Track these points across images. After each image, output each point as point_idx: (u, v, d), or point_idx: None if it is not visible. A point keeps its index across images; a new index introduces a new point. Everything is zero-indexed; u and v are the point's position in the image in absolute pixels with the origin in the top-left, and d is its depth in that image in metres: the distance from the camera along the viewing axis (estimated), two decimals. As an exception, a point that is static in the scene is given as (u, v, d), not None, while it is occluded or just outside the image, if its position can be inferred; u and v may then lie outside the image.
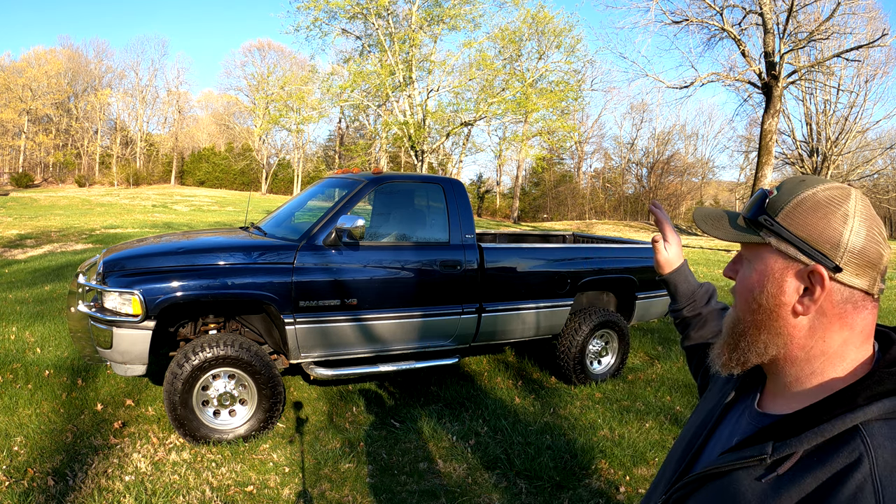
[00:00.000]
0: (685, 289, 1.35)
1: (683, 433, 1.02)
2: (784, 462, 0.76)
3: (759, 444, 0.78)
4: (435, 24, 20.51)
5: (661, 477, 1.01)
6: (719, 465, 0.82)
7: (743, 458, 0.79)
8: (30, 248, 12.69)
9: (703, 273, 12.60)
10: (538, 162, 27.96)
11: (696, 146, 50.85)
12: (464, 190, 4.57)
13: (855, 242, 0.78)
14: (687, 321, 1.35)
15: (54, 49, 51.09)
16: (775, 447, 0.77)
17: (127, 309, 3.41)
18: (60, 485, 3.06)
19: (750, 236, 0.86)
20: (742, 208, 0.93)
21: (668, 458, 1.03)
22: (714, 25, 17.75)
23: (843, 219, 0.79)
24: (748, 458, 0.78)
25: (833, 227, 0.79)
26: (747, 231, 0.87)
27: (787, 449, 0.76)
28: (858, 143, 30.09)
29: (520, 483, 3.32)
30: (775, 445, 0.77)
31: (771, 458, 0.76)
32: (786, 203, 0.83)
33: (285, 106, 25.45)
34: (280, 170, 51.68)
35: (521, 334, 4.74)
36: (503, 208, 47.31)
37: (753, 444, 0.80)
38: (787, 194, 0.84)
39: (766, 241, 0.84)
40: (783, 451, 0.76)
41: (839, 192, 0.82)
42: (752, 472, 0.78)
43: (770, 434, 0.79)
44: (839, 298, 0.80)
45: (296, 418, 4.07)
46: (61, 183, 46.89)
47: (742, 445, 0.81)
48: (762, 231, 0.85)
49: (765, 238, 0.84)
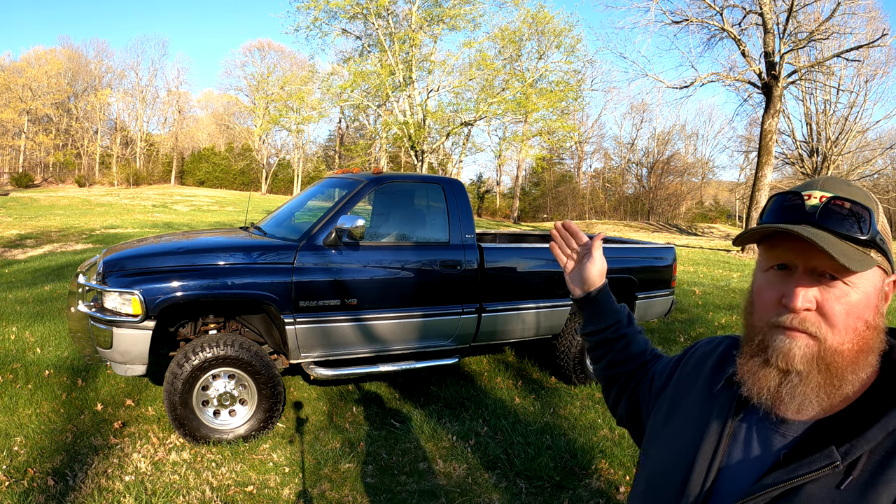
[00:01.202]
0: (608, 307, 1.22)
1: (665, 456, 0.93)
2: (856, 464, 0.73)
3: (820, 452, 0.74)
4: (435, 24, 20.51)
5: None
6: (784, 482, 0.75)
7: (812, 470, 0.73)
8: (30, 248, 12.69)
9: (702, 273, 12.59)
10: (538, 162, 27.95)
11: (696, 146, 50.93)
12: (464, 190, 4.57)
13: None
14: (609, 345, 1.21)
15: (54, 49, 51.11)
16: (842, 452, 0.73)
17: (127, 309, 3.41)
18: (60, 485, 3.06)
19: (868, 262, 0.78)
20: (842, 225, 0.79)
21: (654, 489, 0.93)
22: (714, 25, 17.75)
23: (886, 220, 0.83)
24: (817, 469, 0.73)
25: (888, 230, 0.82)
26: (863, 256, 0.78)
27: (857, 450, 0.73)
28: (858, 143, 30.08)
29: (520, 483, 3.32)
30: (840, 450, 0.73)
31: (843, 462, 0.73)
32: (875, 215, 0.79)
33: (285, 106, 25.44)
34: (280, 170, 51.68)
35: (521, 334, 4.74)
36: (503, 208, 47.30)
37: (811, 452, 0.75)
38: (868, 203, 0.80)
39: (877, 260, 0.79)
40: (854, 453, 0.73)
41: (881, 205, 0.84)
42: (827, 481, 0.74)
43: (827, 439, 0.75)
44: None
45: (296, 418, 4.07)
46: (61, 183, 46.88)
47: (797, 457, 0.76)
48: (872, 251, 0.79)
49: (875, 258, 0.79)
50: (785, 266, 0.82)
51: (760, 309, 0.85)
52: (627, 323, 1.22)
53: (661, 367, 1.12)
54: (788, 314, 0.79)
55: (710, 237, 27.50)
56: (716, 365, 0.98)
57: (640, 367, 1.19)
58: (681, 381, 1.03)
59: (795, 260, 0.81)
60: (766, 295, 0.84)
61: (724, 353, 0.99)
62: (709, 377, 0.97)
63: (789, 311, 0.79)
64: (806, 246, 0.78)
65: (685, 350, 1.09)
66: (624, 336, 1.21)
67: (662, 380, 1.08)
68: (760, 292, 0.86)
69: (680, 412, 0.97)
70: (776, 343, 0.80)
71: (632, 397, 1.16)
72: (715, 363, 0.98)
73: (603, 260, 1.21)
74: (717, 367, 0.97)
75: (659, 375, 1.10)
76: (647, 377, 1.15)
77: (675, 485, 0.88)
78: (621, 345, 1.20)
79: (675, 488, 0.88)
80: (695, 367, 1.02)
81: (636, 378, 1.18)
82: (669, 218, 43.42)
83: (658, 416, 1.02)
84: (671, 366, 1.09)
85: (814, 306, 0.79)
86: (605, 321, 1.21)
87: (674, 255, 5.64)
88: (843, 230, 0.78)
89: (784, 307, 0.80)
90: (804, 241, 0.78)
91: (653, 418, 1.04)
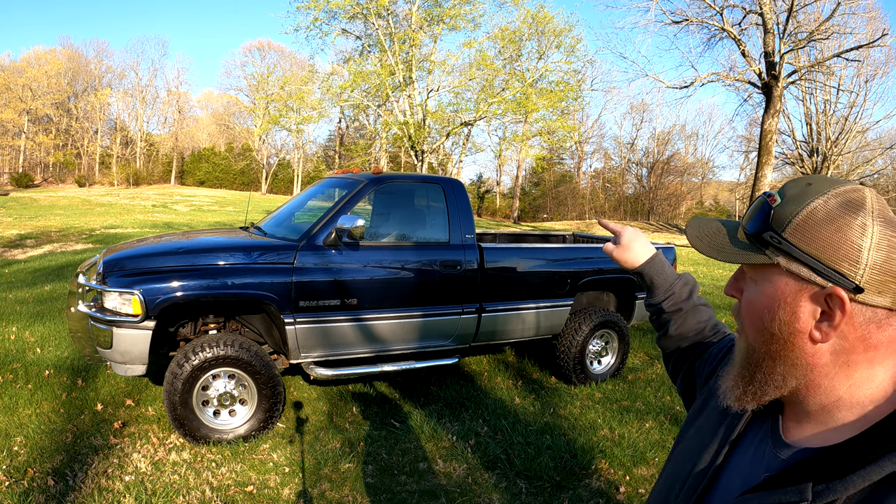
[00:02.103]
0: (661, 281, 1.23)
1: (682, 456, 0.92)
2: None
3: (795, 486, 0.69)
4: (435, 24, 20.52)
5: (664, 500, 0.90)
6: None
7: (780, 501, 0.69)
8: (30, 248, 12.69)
9: (702, 273, 12.60)
10: (538, 162, 27.96)
11: (696, 146, 50.91)
12: (464, 190, 4.57)
13: (876, 258, 0.67)
14: (666, 317, 1.22)
15: (54, 49, 51.11)
16: (816, 492, 0.66)
17: (127, 309, 3.41)
18: (60, 485, 3.06)
19: (755, 256, 0.75)
20: (743, 218, 0.81)
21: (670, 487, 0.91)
22: (714, 25, 17.75)
23: (862, 229, 0.68)
24: (784, 502, 0.68)
25: (850, 242, 0.68)
26: (751, 249, 0.76)
27: (830, 493, 0.65)
28: (858, 143, 30.09)
29: (520, 483, 3.32)
30: (815, 490, 0.67)
31: (813, 502, 0.66)
32: (794, 215, 0.72)
33: (285, 106, 25.44)
34: (280, 170, 51.69)
35: (521, 334, 4.74)
36: (503, 208, 47.31)
37: (788, 484, 0.70)
38: (795, 203, 0.73)
39: (773, 260, 0.73)
40: (827, 496, 0.66)
41: (853, 195, 0.71)
42: None
43: (807, 474, 0.69)
44: (861, 320, 0.69)
45: (296, 418, 4.07)
46: (61, 183, 46.89)
47: (773, 485, 0.72)
48: (768, 249, 0.74)
49: (772, 258, 0.73)
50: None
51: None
52: (686, 297, 1.22)
53: (717, 351, 1.09)
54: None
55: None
56: None
57: (696, 343, 1.18)
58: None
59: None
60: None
61: None
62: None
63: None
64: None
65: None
66: (679, 311, 1.21)
67: (713, 365, 1.05)
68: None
69: (708, 408, 0.94)
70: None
71: (688, 375, 1.15)
72: None
73: (630, 235, 1.26)
74: None
75: (713, 359, 1.07)
76: (704, 357, 1.12)
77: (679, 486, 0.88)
78: (678, 319, 1.20)
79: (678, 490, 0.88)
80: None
81: (691, 355, 1.17)
82: (669, 218, 43.42)
83: (696, 406, 0.99)
84: (724, 352, 1.06)
85: (738, 294, 0.83)
86: (657, 295, 1.23)
87: (674, 255, 5.64)
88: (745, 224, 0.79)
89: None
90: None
91: (694, 404, 1.01)
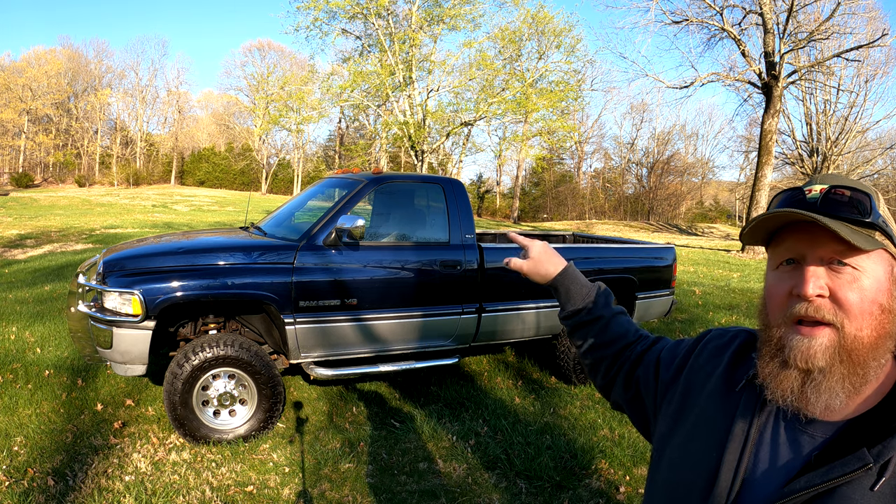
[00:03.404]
0: (577, 289, 1.21)
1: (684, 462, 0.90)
2: (888, 465, 0.72)
3: (852, 454, 0.73)
4: (435, 24, 20.51)
5: None
6: (817, 486, 0.74)
7: (845, 472, 0.73)
8: (30, 248, 12.69)
9: (702, 273, 12.59)
10: (538, 162, 27.96)
11: (696, 146, 50.93)
12: (464, 190, 4.57)
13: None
14: (586, 328, 1.20)
15: (54, 49, 51.11)
16: (874, 453, 0.72)
17: (127, 309, 3.41)
18: (60, 485, 3.06)
19: (873, 242, 0.79)
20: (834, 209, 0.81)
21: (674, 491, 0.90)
22: (714, 25, 17.75)
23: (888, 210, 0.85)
24: (851, 471, 0.72)
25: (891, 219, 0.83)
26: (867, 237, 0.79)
27: (889, 451, 0.72)
28: (858, 143, 30.08)
29: (520, 483, 3.32)
30: (872, 451, 0.73)
31: (875, 463, 0.72)
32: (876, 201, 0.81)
33: (285, 106, 25.43)
34: (280, 170, 51.68)
35: (521, 334, 4.74)
36: (503, 208, 47.30)
37: (843, 454, 0.74)
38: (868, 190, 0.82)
39: (882, 244, 0.79)
40: (886, 454, 0.72)
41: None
42: (859, 483, 0.73)
43: (858, 440, 0.75)
44: None
45: (296, 418, 4.07)
46: (61, 183, 46.88)
47: (827, 460, 0.75)
48: (876, 233, 0.80)
49: (880, 240, 0.79)
50: (793, 261, 0.82)
51: (773, 305, 0.84)
52: (603, 305, 1.19)
53: (669, 356, 1.07)
54: (802, 303, 0.79)
55: (710, 237, 27.51)
56: (732, 360, 0.95)
57: (623, 350, 1.16)
58: (693, 374, 0.99)
59: (803, 250, 0.81)
60: (777, 290, 0.83)
61: (740, 348, 0.97)
62: (725, 373, 0.94)
63: (801, 299, 0.79)
64: (811, 236, 0.79)
65: (696, 340, 1.06)
66: (599, 318, 1.18)
67: (672, 371, 1.04)
68: (772, 289, 0.85)
69: (695, 409, 0.94)
70: (793, 343, 0.79)
71: (628, 382, 1.12)
72: (731, 359, 0.96)
73: (540, 248, 1.24)
74: (735, 363, 0.95)
75: (666, 365, 1.06)
76: (646, 362, 1.10)
77: (700, 490, 0.85)
78: (598, 327, 1.18)
79: (698, 494, 0.85)
80: (709, 360, 0.99)
81: (623, 360, 1.15)
82: (669, 218, 43.41)
83: (669, 410, 0.99)
84: (681, 356, 1.04)
85: (826, 293, 0.78)
86: (574, 305, 1.20)
87: (674, 255, 5.64)
88: (844, 214, 0.79)
89: (796, 297, 0.80)
90: (809, 233, 0.79)
91: (664, 412, 1.00)
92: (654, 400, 1.05)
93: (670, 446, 0.94)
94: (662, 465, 0.95)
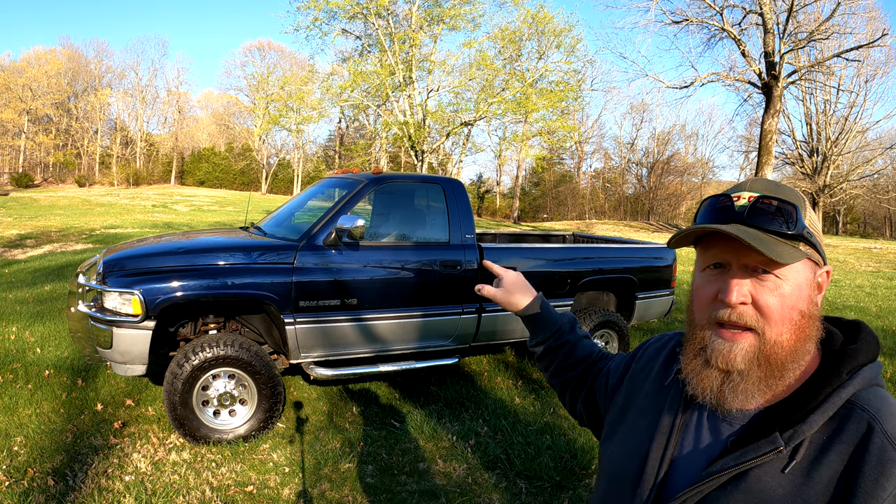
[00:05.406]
0: (547, 317, 1.28)
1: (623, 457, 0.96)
2: (799, 448, 0.77)
3: (765, 438, 0.78)
4: (435, 24, 20.51)
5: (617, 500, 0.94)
6: (731, 468, 0.79)
7: (757, 455, 0.78)
8: (30, 248, 12.69)
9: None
10: (538, 162, 27.95)
11: (696, 146, 50.89)
12: (464, 190, 4.57)
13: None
14: (554, 353, 1.27)
15: (54, 49, 51.13)
16: (785, 437, 0.77)
17: (127, 309, 3.41)
18: (60, 485, 3.06)
19: (797, 254, 0.82)
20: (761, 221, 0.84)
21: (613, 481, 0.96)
22: (714, 25, 17.75)
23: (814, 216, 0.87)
24: (763, 454, 0.78)
25: (817, 226, 0.86)
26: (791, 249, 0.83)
27: (799, 436, 0.77)
28: (858, 143, 30.09)
29: (520, 483, 3.32)
30: (784, 436, 0.78)
31: (787, 447, 0.77)
32: (800, 211, 0.83)
33: (285, 106, 25.44)
34: (280, 170, 51.69)
35: (521, 334, 4.74)
36: (503, 208, 47.30)
37: (756, 439, 0.79)
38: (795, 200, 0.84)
39: (806, 254, 0.83)
40: (797, 438, 0.77)
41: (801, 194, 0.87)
42: (772, 466, 0.78)
43: (771, 425, 0.80)
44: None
45: (296, 418, 4.07)
46: (61, 183, 46.89)
47: (742, 443, 0.80)
48: (801, 244, 0.83)
49: (804, 251, 0.83)
50: (720, 265, 0.87)
51: (699, 306, 0.89)
52: (569, 330, 1.27)
53: (616, 365, 1.15)
54: (726, 309, 0.83)
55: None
56: (666, 360, 1.02)
57: (588, 369, 1.24)
58: (634, 378, 1.06)
59: (729, 258, 0.85)
60: (703, 292, 0.88)
61: (673, 349, 1.04)
62: (659, 372, 1.01)
63: (725, 305, 0.83)
64: (737, 244, 0.82)
65: (637, 348, 1.14)
66: (566, 343, 1.26)
67: (616, 377, 1.12)
68: (698, 290, 0.89)
69: (634, 408, 1.01)
70: (715, 345, 0.84)
71: (588, 397, 1.21)
72: (665, 358, 1.03)
73: (513, 279, 1.29)
74: (667, 362, 1.02)
75: (613, 373, 1.14)
76: (601, 376, 1.18)
77: (631, 478, 0.91)
78: (565, 351, 1.25)
79: (630, 481, 0.91)
80: (647, 363, 1.06)
81: (587, 379, 1.23)
82: (669, 218, 43.41)
83: (614, 411, 1.06)
84: (624, 363, 1.13)
85: (749, 300, 0.83)
86: (544, 332, 1.27)
87: (674, 255, 5.64)
88: (770, 226, 0.82)
89: (721, 302, 0.84)
90: (735, 242, 0.82)
91: (609, 415, 1.08)
92: (605, 406, 1.13)
93: (612, 442, 1.01)
94: (606, 459, 1.02)
